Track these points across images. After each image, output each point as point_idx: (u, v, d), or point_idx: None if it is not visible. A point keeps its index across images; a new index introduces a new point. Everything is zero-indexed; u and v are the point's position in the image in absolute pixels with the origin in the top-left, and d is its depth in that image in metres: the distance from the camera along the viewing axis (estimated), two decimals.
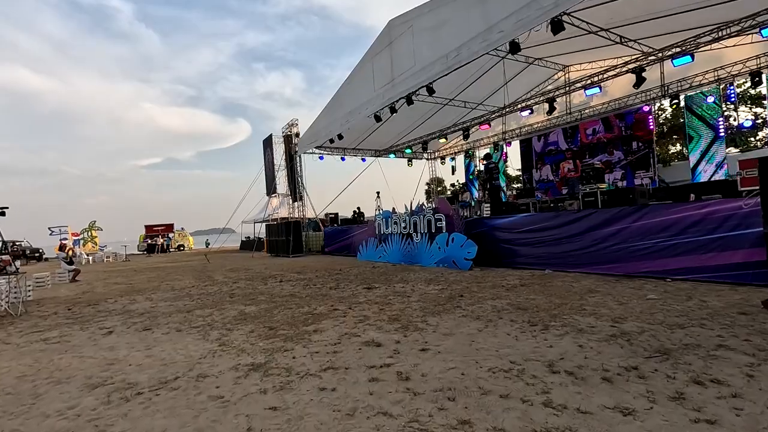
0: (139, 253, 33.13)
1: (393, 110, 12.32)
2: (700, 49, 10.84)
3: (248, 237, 30.65)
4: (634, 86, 10.51)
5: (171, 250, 33.27)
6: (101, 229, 33.14)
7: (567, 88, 13.56)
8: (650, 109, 13.65)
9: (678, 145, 23.51)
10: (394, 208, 12.71)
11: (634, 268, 6.84)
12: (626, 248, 6.94)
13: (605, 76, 11.65)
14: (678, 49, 10.60)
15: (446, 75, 10.11)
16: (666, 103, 14.10)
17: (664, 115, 21.44)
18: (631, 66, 11.02)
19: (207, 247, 39.93)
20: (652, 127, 13.61)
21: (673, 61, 9.76)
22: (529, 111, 13.46)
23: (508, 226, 9.25)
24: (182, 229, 35.69)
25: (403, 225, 11.95)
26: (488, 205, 12.71)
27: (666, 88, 13.05)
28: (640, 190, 7.19)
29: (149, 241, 33.09)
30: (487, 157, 11.04)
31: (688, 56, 9.47)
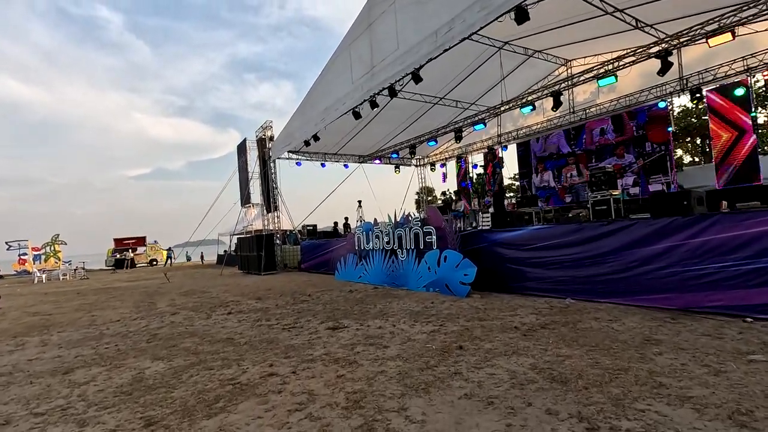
0: (107, 268, 30.70)
1: (374, 104, 10.51)
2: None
3: (225, 251, 28.50)
4: (658, 73, 8.84)
5: (138, 264, 30.87)
6: (65, 243, 30.66)
7: (570, 81, 11.88)
8: (667, 105, 12.02)
9: (679, 150, 22.12)
10: (375, 219, 10.83)
11: (694, 300, 5.01)
12: (681, 273, 5.12)
13: (621, 63, 9.96)
14: (692, 34, 8.96)
15: (436, 58, 8.32)
16: (678, 101, 12.50)
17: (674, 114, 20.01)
18: (651, 51, 9.34)
19: (188, 260, 37.52)
20: (670, 125, 11.98)
21: (709, 40, 8.09)
22: (531, 107, 11.75)
23: (515, 242, 7.40)
24: (155, 242, 33.31)
25: (386, 239, 10.05)
26: (487, 215, 10.89)
27: (685, 81, 11.46)
28: (696, 196, 5.41)
29: (117, 256, 30.66)
30: (491, 155, 9.20)
31: (728, 34, 7.81)
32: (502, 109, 12.89)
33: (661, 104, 12.03)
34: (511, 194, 24.49)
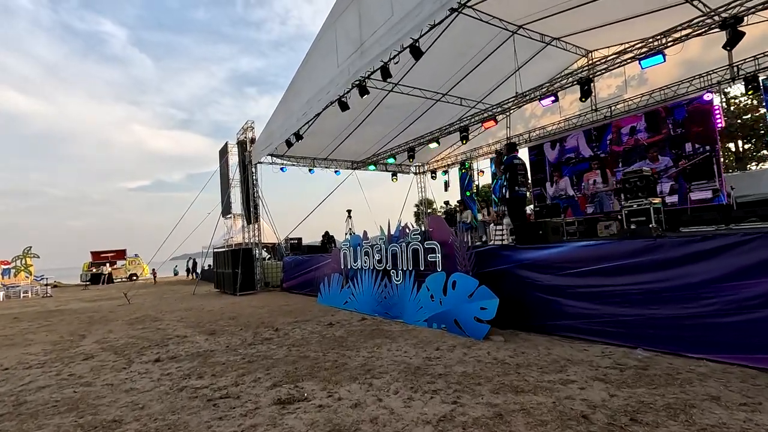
0: (81, 283, 28.51)
1: (363, 91, 8.59)
2: None
3: (209, 266, 26.37)
4: (725, 47, 6.98)
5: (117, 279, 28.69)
6: (38, 257, 28.49)
7: (595, 69, 9.99)
8: (713, 98, 10.14)
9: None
10: (365, 232, 8.83)
11: None
12: None
13: (677, 36, 8.04)
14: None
15: (442, 23, 6.42)
16: (717, 98, 10.60)
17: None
18: (711, 21, 7.46)
19: (175, 275, 35.29)
20: (718, 122, 10.07)
21: None
22: (553, 98, 9.86)
23: (551, 264, 5.39)
24: (136, 255, 31.17)
25: (377, 257, 8.03)
26: (501, 227, 8.90)
27: (737, 68, 9.60)
28: None
29: (94, 270, 28.53)
30: (511, 148, 7.24)
31: None
32: (517, 102, 10.98)
33: (706, 97, 10.15)
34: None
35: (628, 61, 8.74)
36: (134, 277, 30.45)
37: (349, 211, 14.27)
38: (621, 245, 4.71)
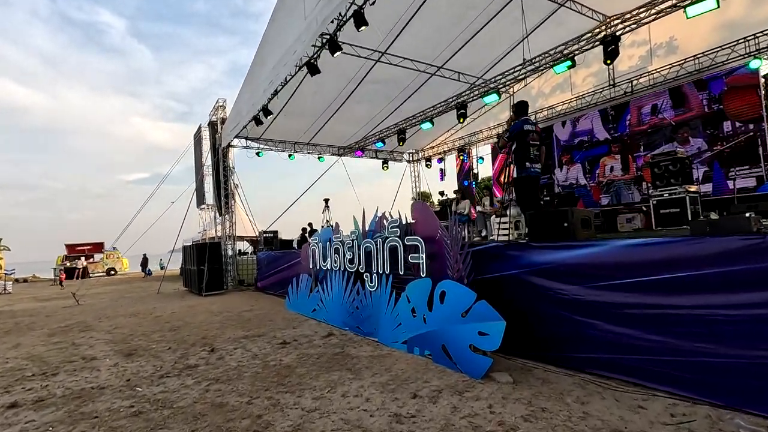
0: (52, 278, 26.78)
1: (334, 47, 6.83)
2: None
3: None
4: None
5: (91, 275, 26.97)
6: (8, 249, 26.82)
7: (613, 26, 8.22)
8: (760, 66, 8.45)
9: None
10: (337, 224, 7.15)
11: None
12: None
13: None
14: None
15: None
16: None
17: None
18: None
19: (162, 269, 33.53)
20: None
21: None
22: (569, 62, 8.14)
23: (581, 269, 3.72)
24: (114, 248, 29.38)
25: (348, 256, 6.35)
26: (504, 220, 7.22)
27: None
28: None
29: (68, 264, 26.80)
30: (521, 109, 5.54)
31: None
32: (524, 72, 9.27)
33: (753, 64, 8.46)
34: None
35: (669, 9, 7.00)
36: (112, 272, 28.79)
37: (326, 200, 12.53)
38: (698, 245, 3.03)
